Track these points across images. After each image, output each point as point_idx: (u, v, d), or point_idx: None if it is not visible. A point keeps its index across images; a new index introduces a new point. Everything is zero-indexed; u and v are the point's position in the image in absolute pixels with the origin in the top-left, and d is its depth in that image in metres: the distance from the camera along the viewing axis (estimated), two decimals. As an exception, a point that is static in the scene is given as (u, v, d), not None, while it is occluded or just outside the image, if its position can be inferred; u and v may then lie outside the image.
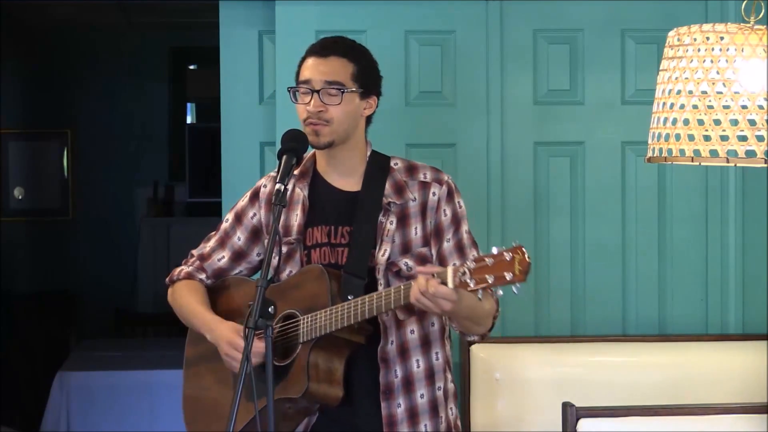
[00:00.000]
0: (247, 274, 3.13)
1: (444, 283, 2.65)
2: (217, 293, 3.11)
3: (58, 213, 8.62)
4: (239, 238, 3.09)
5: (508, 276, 2.56)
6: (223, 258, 3.11)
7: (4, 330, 7.69)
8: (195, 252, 3.16)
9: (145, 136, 8.70)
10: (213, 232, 3.16)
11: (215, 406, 3.02)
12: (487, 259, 2.59)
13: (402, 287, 2.74)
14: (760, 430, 3.26)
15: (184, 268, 3.14)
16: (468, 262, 2.62)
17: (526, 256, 2.56)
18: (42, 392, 5.61)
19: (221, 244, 3.11)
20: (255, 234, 3.08)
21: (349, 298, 2.83)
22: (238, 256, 3.10)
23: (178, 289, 3.12)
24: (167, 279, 3.17)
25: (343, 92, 2.88)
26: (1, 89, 8.26)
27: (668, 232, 4.20)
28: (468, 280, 2.61)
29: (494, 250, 2.60)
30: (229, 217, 3.12)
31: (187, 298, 3.08)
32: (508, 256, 2.57)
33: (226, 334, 2.93)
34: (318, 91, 2.88)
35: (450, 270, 2.64)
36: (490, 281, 2.58)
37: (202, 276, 3.11)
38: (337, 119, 2.89)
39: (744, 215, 4.19)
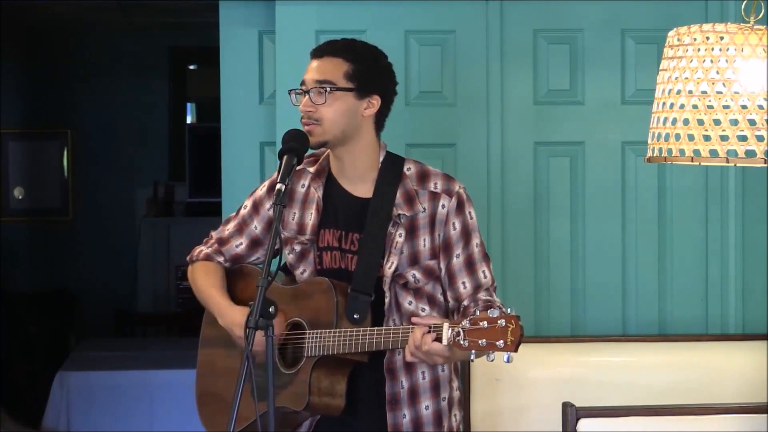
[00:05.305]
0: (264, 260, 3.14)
1: (439, 339, 2.67)
2: (237, 279, 3.12)
3: (58, 213, 8.61)
4: (256, 227, 3.10)
5: (500, 344, 2.60)
6: (240, 245, 3.12)
7: (4, 330, 7.68)
8: (215, 234, 3.18)
9: (145, 136, 8.69)
10: (233, 214, 3.18)
11: (223, 393, 3.03)
12: (481, 322, 2.62)
13: (401, 331, 2.77)
14: (760, 430, 3.25)
15: (204, 249, 3.16)
16: (464, 321, 2.64)
17: (520, 326, 2.59)
18: (42, 392, 5.61)
19: (239, 230, 3.13)
20: (271, 224, 3.05)
21: (355, 317, 2.84)
22: (255, 243, 3.11)
23: (197, 270, 3.14)
24: (188, 258, 3.19)
25: (327, 91, 2.86)
26: (1, 89, 8.25)
27: (668, 232, 4.19)
28: (461, 341, 2.64)
29: (492, 313, 2.62)
30: (247, 204, 3.13)
31: (203, 280, 3.11)
32: (502, 323, 2.60)
33: (237, 319, 2.93)
34: (308, 92, 2.88)
35: (446, 327, 2.66)
36: (482, 345, 2.62)
37: (221, 259, 3.14)
38: (328, 119, 2.87)
39: (744, 215, 4.19)
